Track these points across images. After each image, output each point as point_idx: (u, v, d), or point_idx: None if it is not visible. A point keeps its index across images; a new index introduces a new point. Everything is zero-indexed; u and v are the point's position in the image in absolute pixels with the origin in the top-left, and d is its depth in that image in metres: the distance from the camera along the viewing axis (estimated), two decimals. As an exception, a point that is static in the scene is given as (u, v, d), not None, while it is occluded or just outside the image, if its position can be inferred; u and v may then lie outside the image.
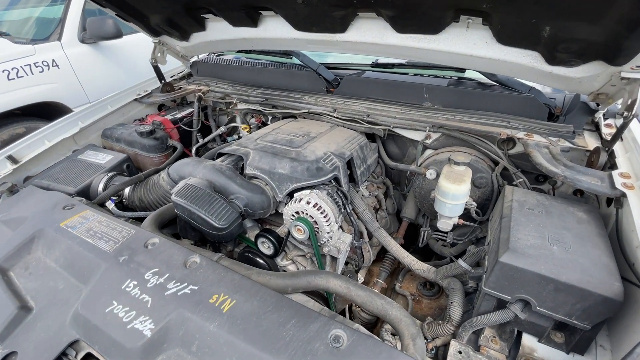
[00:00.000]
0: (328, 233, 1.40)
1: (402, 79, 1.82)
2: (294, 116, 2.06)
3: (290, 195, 1.48)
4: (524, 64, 1.35)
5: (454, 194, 1.37)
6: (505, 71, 1.45)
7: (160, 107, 2.43)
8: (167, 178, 1.58)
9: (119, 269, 1.02)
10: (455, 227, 1.56)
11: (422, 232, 1.91)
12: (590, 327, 0.98)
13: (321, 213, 1.36)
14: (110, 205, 1.53)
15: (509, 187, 1.40)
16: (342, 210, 1.54)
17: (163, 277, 0.98)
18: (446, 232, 1.69)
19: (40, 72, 3.82)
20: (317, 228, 1.39)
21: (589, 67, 1.25)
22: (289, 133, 1.74)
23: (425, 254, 2.28)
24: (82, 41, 4.04)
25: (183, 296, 0.92)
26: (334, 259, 1.51)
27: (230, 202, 1.41)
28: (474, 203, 1.47)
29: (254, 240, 1.51)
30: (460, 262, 1.33)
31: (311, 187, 1.47)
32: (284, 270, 1.60)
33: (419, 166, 1.80)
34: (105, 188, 1.63)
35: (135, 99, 2.26)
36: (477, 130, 1.56)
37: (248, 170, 1.52)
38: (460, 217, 1.51)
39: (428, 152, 1.88)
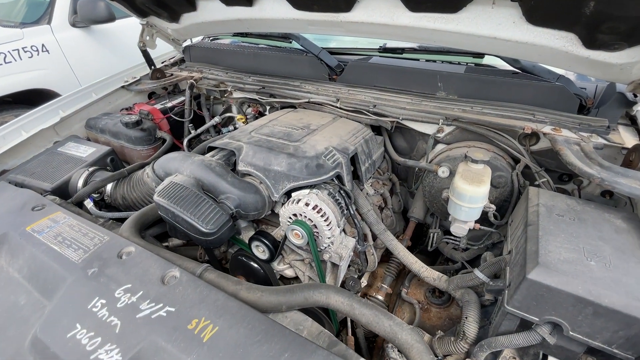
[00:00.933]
0: (329, 238, 1.25)
1: (413, 65, 1.64)
2: (293, 106, 1.90)
3: (288, 195, 1.33)
4: (556, 47, 1.17)
5: (471, 196, 1.22)
6: (532, 56, 1.27)
7: (151, 96, 2.26)
8: (151, 174, 1.43)
9: (87, 284, 0.88)
10: (469, 231, 1.41)
11: (432, 234, 1.76)
12: (634, 358, 0.83)
13: (321, 216, 1.21)
14: (88, 204, 1.39)
15: (533, 189, 1.25)
16: (345, 211, 1.39)
17: (136, 295, 0.84)
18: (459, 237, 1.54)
19: (29, 57, 3.64)
20: (317, 232, 1.25)
21: (635, 51, 1.07)
22: (287, 125, 1.58)
23: (432, 254, 2.14)
24: (73, 25, 3.84)
25: (157, 320, 0.78)
26: (335, 266, 1.37)
27: (220, 203, 1.26)
28: (492, 206, 1.32)
29: (248, 242, 1.37)
30: (477, 273, 1.19)
31: (311, 186, 1.32)
32: (281, 275, 1.47)
33: (430, 162, 1.64)
34: (85, 184, 1.49)
35: (123, 86, 2.09)
36: (497, 124, 1.39)
37: (241, 167, 1.37)
38: (476, 220, 1.36)
39: (440, 147, 1.72)
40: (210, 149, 1.52)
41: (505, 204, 1.47)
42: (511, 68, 1.48)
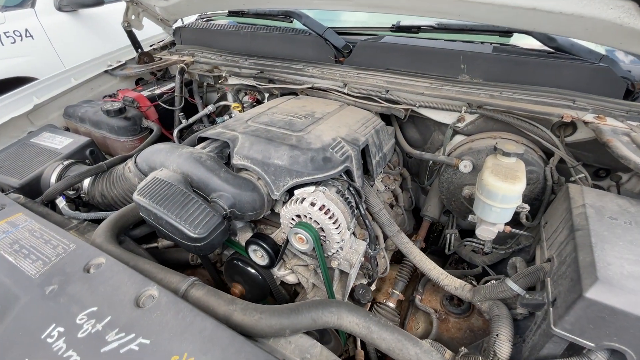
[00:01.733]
0: (338, 243, 1.08)
1: (432, 45, 1.45)
2: (294, 93, 1.71)
3: (290, 192, 1.16)
4: (608, 19, 0.99)
5: (504, 195, 1.04)
6: (576, 31, 1.09)
7: (138, 82, 2.06)
8: (134, 168, 1.25)
9: (43, 306, 0.71)
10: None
11: (448, 235, 1.60)
12: None
13: (329, 218, 1.04)
14: (60, 203, 1.21)
15: (574, 187, 1.08)
16: (355, 211, 1.22)
17: (102, 321, 0.67)
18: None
19: (11, 43, 3.42)
20: (324, 236, 1.08)
21: None
22: (288, 113, 1.40)
23: (442, 254, 1.98)
24: (59, 9, 3.61)
25: (127, 356, 0.61)
26: (344, 273, 1.20)
27: (212, 203, 1.09)
28: (526, 206, 1.15)
29: (244, 245, 1.20)
30: (511, 284, 1.02)
31: (316, 183, 1.14)
32: (282, 281, 1.31)
33: (449, 155, 1.46)
34: (59, 180, 1.31)
35: (106, 71, 1.89)
36: (530, 111, 1.21)
37: (236, 161, 1.19)
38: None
39: (458, 138, 1.54)
40: (201, 140, 1.34)
41: (535, 203, 1.31)
42: (545, 48, 1.29)
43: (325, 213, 1.04)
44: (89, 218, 1.17)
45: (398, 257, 1.83)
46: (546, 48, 1.29)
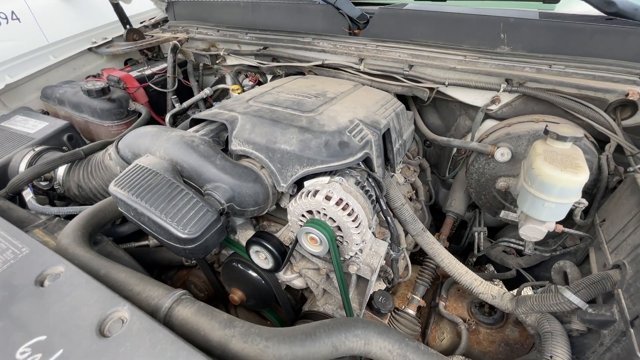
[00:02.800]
0: (357, 245, 0.90)
1: (465, 11, 1.24)
2: (302, 73, 1.51)
3: (299, 184, 0.97)
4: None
5: (563, 188, 0.86)
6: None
7: (127, 63, 1.87)
8: (115, 156, 1.06)
9: (-25, 333, 0.53)
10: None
11: (476, 234, 1.41)
12: None
13: (348, 215, 0.85)
14: (27, 195, 1.02)
15: (644, 178, 0.89)
16: (376, 206, 1.03)
17: (53, 356, 0.49)
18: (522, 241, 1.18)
19: (-4, 25, 3.20)
20: (341, 237, 0.89)
21: None
22: (296, 92, 1.20)
23: (460, 253, 1.80)
24: (47, -11, 3.37)
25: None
26: (361, 278, 1.02)
27: (206, 196, 0.90)
28: (584, 201, 0.96)
29: (245, 246, 1.02)
30: (570, 295, 0.84)
31: (331, 172, 0.96)
32: (287, 285, 1.13)
33: (480, 142, 1.27)
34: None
35: (90, 49, 1.69)
36: (587, 87, 1.01)
37: (235, 146, 1.00)
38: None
39: (488, 123, 1.35)
40: (195, 123, 1.15)
41: (587, 198, 1.12)
42: (601, 14, 1.09)
43: (344, 209, 0.85)
44: (60, 213, 0.98)
45: (415, 257, 1.65)
46: (602, 14, 1.08)
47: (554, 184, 0.85)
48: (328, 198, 0.86)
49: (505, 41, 1.11)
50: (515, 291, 1.07)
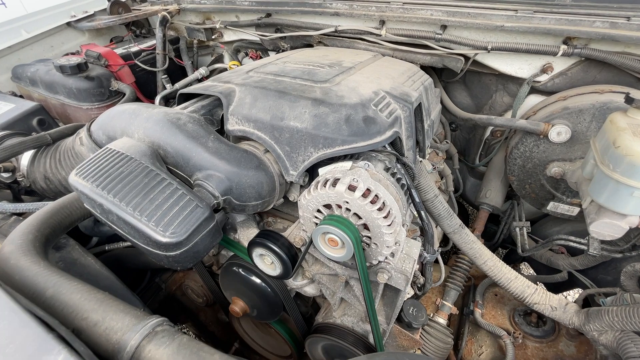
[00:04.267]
0: (389, 247, 0.70)
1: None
2: (310, 46, 1.30)
3: (313, 171, 0.77)
4: None
5: (662, 171, 0.65)
6: None
7: (112, 40, 1.66)
8: (87, 140, 0.87)
9: None
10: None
11: (517, 230, 1.21)
12: None
13: (379, 210, 0.65)
14: (-21, 189, 0.84)
15: None
16: (409, 199, 0.83)
17: None
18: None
19: (-20, 11, 2.99)
20: (368, 237, 0.70)
21: None
22: (305, 62, 1.00)
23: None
24: (34, -29, 3.15)
25: None
26: (390, 287, 0.83)
27: (196, 187, 0.71)
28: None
29: (246, 248, 0.84)
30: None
31: (353, 156, 0.76)
32: (296, 292, 0.95)
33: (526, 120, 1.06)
34: (-12, 158, 0.93)
35: (69, 23, 1.49)
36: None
37: (232, 125, 0.81)
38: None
39: (532, 100, 1.14)
40: (184, 100, 0.95)
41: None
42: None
43: (372, 202, 0.65)
44: (17, 211, 0.79)
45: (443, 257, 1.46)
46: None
47: (650, 165, 0.65)
48: (352, 188, 0.66)
49: (567, -9, 0.90)
50: (571, 298, 0.88)
